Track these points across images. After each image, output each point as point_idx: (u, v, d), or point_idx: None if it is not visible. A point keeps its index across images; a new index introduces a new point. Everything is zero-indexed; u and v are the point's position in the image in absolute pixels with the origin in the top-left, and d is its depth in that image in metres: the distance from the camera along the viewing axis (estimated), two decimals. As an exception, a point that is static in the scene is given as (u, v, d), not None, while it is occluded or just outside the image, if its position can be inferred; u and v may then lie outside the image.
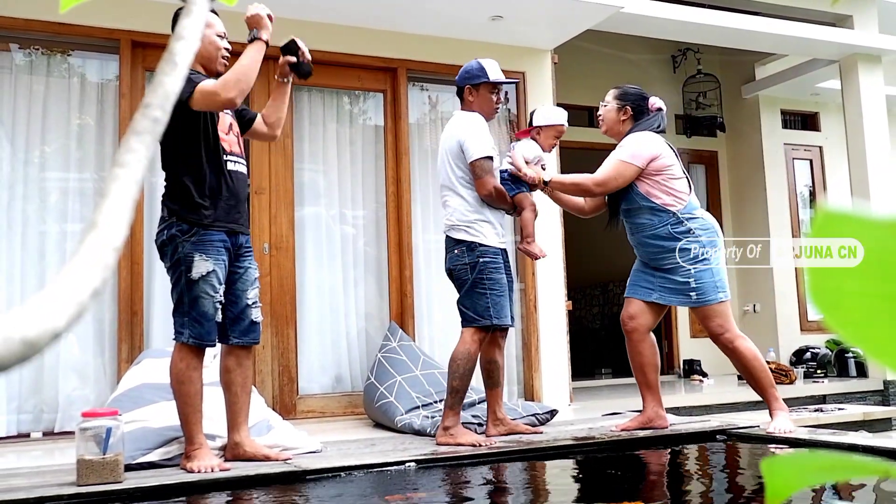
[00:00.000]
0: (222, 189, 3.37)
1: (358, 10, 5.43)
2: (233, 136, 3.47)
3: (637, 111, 4.09)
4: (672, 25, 6.62)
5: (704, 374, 8.00)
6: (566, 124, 4.26)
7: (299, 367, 5.41)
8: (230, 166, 3.41)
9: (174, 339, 3.33)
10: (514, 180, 4.10)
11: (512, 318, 4.08)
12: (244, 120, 3.65)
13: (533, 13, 5.64)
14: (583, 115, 8.33)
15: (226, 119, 3.46)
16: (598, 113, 4.22)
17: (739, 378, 7.73)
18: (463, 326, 3.95)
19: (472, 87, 4.02)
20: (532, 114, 4.28)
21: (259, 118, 3.66)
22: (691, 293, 3.90)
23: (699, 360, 8.10)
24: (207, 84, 3.23)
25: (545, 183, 4.03)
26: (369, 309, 5.73)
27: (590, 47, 7.88)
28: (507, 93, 6.19)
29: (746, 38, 7.04)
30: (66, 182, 5.00)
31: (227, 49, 3.46)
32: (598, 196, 4.10)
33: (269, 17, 3.35)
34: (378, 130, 5.89)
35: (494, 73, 4.03)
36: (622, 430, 4.05)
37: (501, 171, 4.12)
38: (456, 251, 3.95)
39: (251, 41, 3.30)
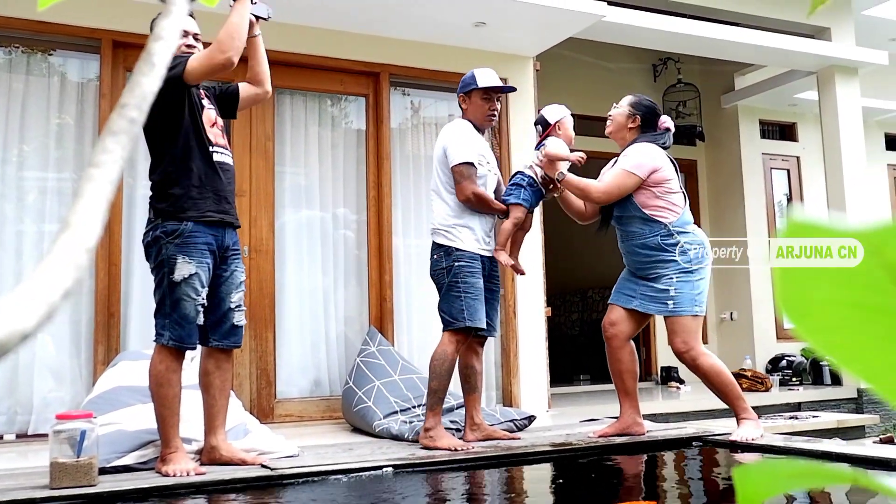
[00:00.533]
0: (211, 180, 3.36)
1: (341, 14, 5.42)
2: (217, 129, 3.47)
3: (645, 123, 4.13)
4: (653, 35, 6.66)
5: (681, 381, 8.04)
6: (569, 118, 4.28)
7: (278, 371, 5.38)
8: (217, 157, 3.41)
9: (154, 341, 3.30)
10: (530, 186, 4.10)
11: (494, 327, 4.10)
12: (230, 96, 3.64)
13: (516, 20, 5.66)
14: (564, 123, 8.36)
15: (210, 113, 3.45)
16: (609, 113, 4.24)
17: (716, 385, 7.78)
18: (443, 330, 3.97)
19: (465, 95, 4.09)
20: (541, 119, 4.25)
21: (244, 85, 3.66)
22: (668, 302, 3.93)
23: (676, 368, 8.14)
24: (199, 53, 3.25)
25: (559, 181, 4.04)
26: (349, 313, 5.71)
27: (571, 55, 7.91)
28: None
29: (726, 48, 7.10)
30: (45, 182, 4.96)
31: (192, 47, 3.45)
32: (600, 203, 4.11)
33: None
34: (360, 134, 5.89)
35: (484, 80, 4.08)
36: (600, 435, 4.07)
37: (522, 175, 4.12)
38: (435, 256, 4.00)
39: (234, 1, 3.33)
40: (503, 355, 5.99)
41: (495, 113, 4.14)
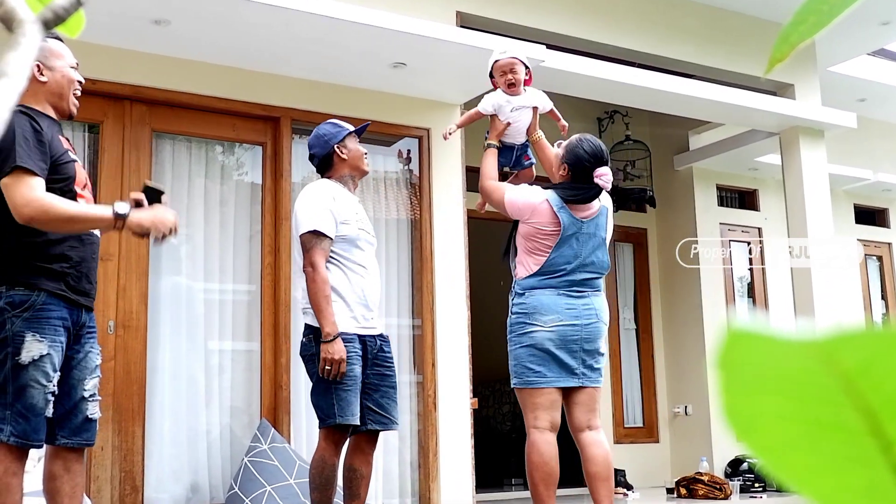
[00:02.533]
0: (73, 254, 3.28)
1: (235, 49, 5.44)
2: (88, 192, 3.41)
3: (574, 174, 4.10)
4: (598, 84, 6.87)
5: (629, 487, 8.08)
6: (504, 57, 4.24)
7: (146, 474, 5.21)
8: None
9: None
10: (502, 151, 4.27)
11: (393, 419, 4.10)
12: None
13: (441, 62, 5.77)
14: (496, 182, 8.48)
15: (82, 172, 3.39)
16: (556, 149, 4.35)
17: (669, 491, 7.85)
18: (319, 426, 3.97)
19: (340, 145, 4.12)
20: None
21: None
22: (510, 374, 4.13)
23: (623, 470, 8.19)
24: (23, 183, 3.10)
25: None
26: (236, 402, 5.60)
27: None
28: (409, 150, 6.30)
29: (679, 102, 7.36)
30: None
31: (80, 82, 3.41)
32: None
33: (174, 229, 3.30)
34: (255, 189, 5.86)
35: (349, 125, 4.22)
36: None
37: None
38: (304, 339, 4.00)
39: (121, 225, 3.20)
40: (421, 455, 5.93)
41: (368, 155, 4.28)
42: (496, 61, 4.28)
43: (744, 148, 8.68)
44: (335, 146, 4.11)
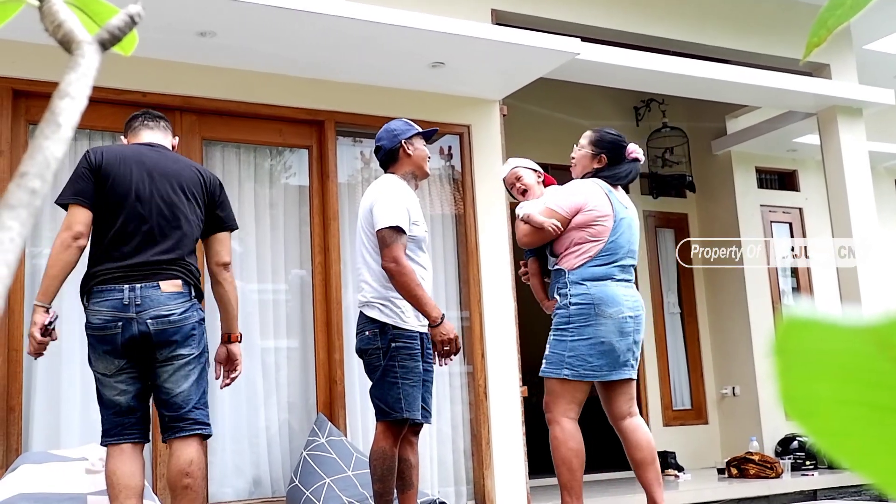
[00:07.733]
0: None
1: (279, 56, 5.47)
2: None
3: (613, 159, 4.26)
4: (633, 74, 6.82)
5: (680, 469, 8.02)
6: (505, 172, 4.57)
7: (210, 470, 5.24)
8: None
9: (201, 433, 3.63)
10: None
11: (429, 412, 4.16)
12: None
13: (479, 59, 5.76)
14: (536, 174, 8.46)
15: None
16: (572, 155, 4.40)
17: (720, 472, 7.78)
18: (376, 420, 4.03)
19: (407, 142, 4.16)
20: None
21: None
22: (544, 361, 4.13)
23: (674, 452, 8.13)
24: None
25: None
26: (292, 399, 5.65)
27: (543, 98, 8.06)
28: (450, 147, 6.31)
29: (715, 88, 7.29)
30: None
31: None
32: (524, 247, 4.36)
33: None
34: (303, 191, 5.90)
35: (418, 126, 4.29)
36: None
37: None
38: (367, 332, 4.02)
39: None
40: (473, 443, 5.94)
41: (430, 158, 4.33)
42: (503, 177, 4.55)
43: (782, 130, 8.57)
44: (402, 141, 4.16)
